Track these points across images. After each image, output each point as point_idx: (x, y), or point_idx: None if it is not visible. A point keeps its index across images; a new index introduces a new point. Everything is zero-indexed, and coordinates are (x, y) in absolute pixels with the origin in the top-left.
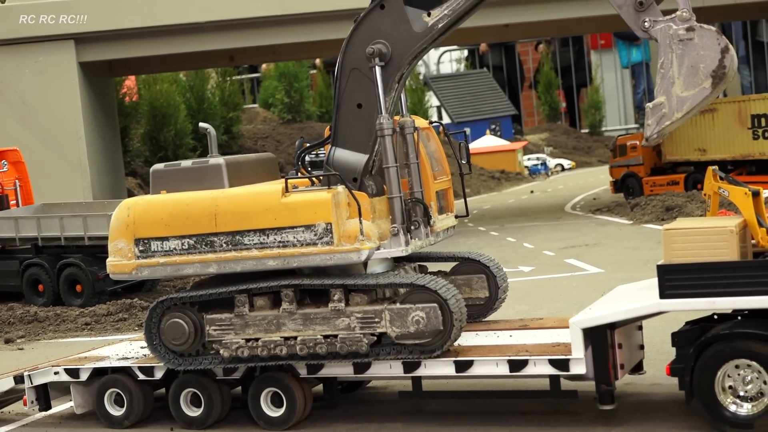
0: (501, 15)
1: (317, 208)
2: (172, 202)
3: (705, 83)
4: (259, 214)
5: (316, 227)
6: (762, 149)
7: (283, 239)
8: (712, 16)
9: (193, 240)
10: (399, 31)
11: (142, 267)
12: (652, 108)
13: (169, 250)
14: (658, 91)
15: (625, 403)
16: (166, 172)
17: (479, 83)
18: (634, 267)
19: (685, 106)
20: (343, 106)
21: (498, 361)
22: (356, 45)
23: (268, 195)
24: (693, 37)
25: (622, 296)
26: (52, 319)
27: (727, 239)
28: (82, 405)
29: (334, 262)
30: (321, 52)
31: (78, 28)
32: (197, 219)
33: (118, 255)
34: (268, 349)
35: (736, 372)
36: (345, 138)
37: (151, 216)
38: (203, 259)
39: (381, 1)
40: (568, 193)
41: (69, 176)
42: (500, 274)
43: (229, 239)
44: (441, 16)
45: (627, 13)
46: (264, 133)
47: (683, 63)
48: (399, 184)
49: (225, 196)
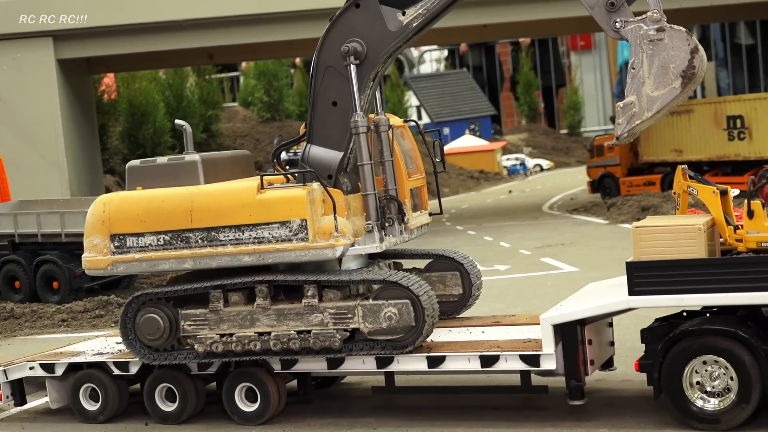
0: (479, 15)
1: (292, 204)
2: (148, 198)
3: (675, 83)
4: (235, 211)
5: (290, 223)
6: (737, 150)
7: (258, 235)
8: (690, 17)
9: (168, 236)
10: (374, 29)
11: (118, 263)
12: (623, 107)
13: (145, 246)
14: (628, 90)
15: (595, 399)
16: (142, 169)
17: (459, 83)
18: (609, 266)
19: (655, 105)
20: (318, 103)
21: (470, 356)
22: (331, 43)
23: (243, 192)
24: (663, 37)
25: (592, 293)
26: (29, 315)
27: (695, 237)
28: (57, 400)
29: (308, 258)
30: (300, 51)
31: (56, 25)
32: (173, 215)
33: (93, 251)
34: (243, 344)
35: (704, 368)
36: (320, 135)
37: (127, 212)
38: (178, 255)
39: (356, 0)
40: (546, 193)
41: (47, 173)
42: (474, 272)
43: (205, 235)
44: (415, 15)
45: (599, 13)
46: (243, 132)
47: (653, 63)
48: (373, 181)
49: (200, 193)
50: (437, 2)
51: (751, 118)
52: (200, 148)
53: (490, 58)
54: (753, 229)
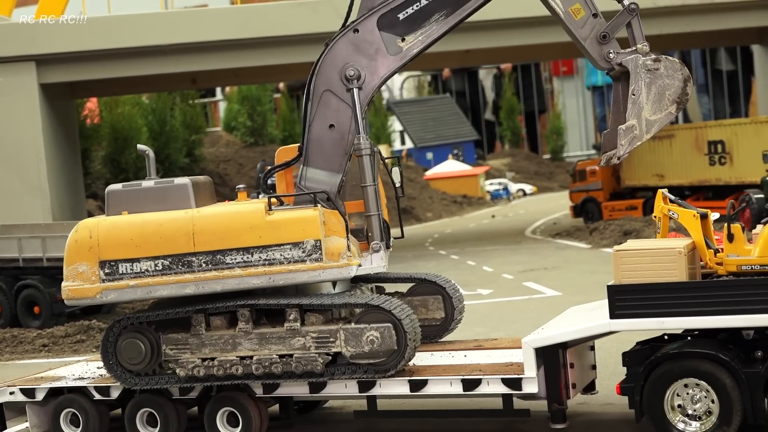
0: (462, 41)
1: (305, 225)
2: (141, 223)
3: (671, 108)
4: (243, 233)
5: (304, 244)
6: (718, 175)
7: (269, 257)
8: (671, 43)
9: (168, 261)
10: (372, 55)
11: (108, 290)
12: (625, 130)
13: (141, 271)
14: (629, 115)
15: (577, 422)
16: (125, 193)
17: (442, 108)
18: (591, 290)
19: (654, 128)
20: (315, 126)
21: (452, 380)
22: (328, 67)
23: (251, 213)
24: (659, 67)
25: (574, 316)
26: (9, 340)
27: (676, 260)
28: (37, 425)
29: (322, 278)
30: (284, 76)
31: (39, 49)
32: (172, 239)
33: (78, 279)
34: (224, 368)
35: (685, 391)
36: (317, 158)
37: (118, 237)
38: (179, 279)
39: (354, 26)
40: (528, 218)
41: (29, 197)
42: (456, 295)
43: (209, 259)
44: (415, 42)
45: (591, 45)
46: (226, 156)
47: (651, 90)
48: (378, 202)
49: (201, 216)
50: (437, 30)
51: (732, 143)
52: (184, 173)
53: (472, 83)
54: (733, 253)
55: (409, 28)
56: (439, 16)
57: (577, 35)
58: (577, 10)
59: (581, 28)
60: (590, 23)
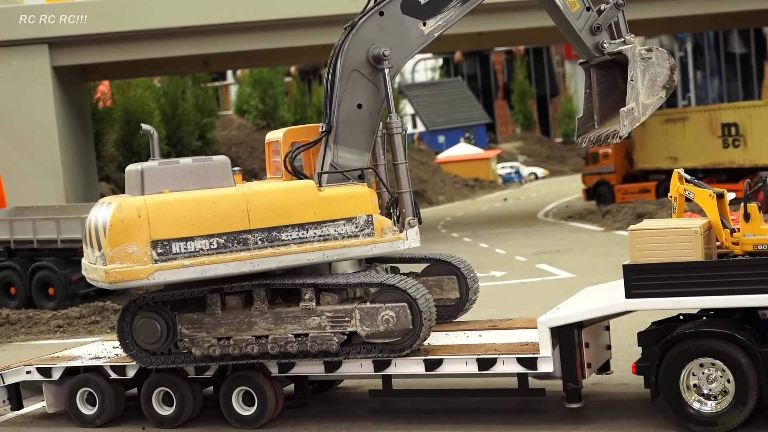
0: (475, 23)
1: (357, 200)
2: (194, 200)
3: (661, 93)
4: (298, 209)
5: (357, 219)
6: (732, 157)
7: (324, 233)
8: (684, 26)
9: (223, 239)
10: (397, 37)
11: (162, 271)
12: (626, 112)
13: (195, 250)
14: (629, 98)
15: (592, 402)
16: (164, 171)
17: (453, 92)
18: (604, 272)
19: (648, 111)
20: (343, 106)
21: (467, 359)
22: (355, 48)
23: (304, 190)
24: (652, 56)
25: (589, 296)
26: (24, 321)
27: (692, 240)
28: (54, 404)
29: (374, 253)
30: (296, 59)
31: (52, 31)
32: (227, 216)
33: (127, 260)
34: (240, 347)
35: (701, 371)
36: (346, 137)
37: (170, 216)
38: (236, 257)
39: (380, 8)
40: (540, 201)
41: (42, 180)
42: (471, 276)
43: (265, 236)
44: (436, 26)
45: (585, 35)
46: (238, 140)
47: (645, 77)
48: (409, 179)
49: (254, 192)
50: (455, 14)
51: (746, 126)
52: (195, 155)
53: (484, 66)
54: (749, 232)
55: (429, 12)
56: (457, 2)
57: (574, 26)
58: (572, 3)
59: (577, 19)
60: (584, 16)
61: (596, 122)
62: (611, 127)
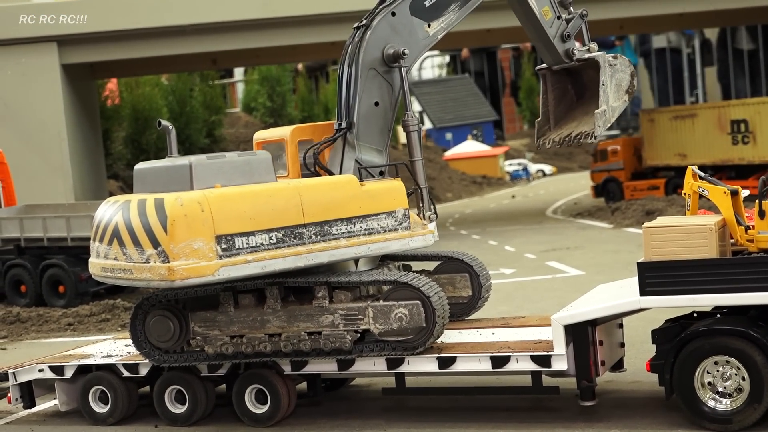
0: (483, 20)
1: (395, 194)
2: (253, 194)
3: (625, 97)
4: (345, 203)
5: (396, 213)
6: (741, 154)
7: (369, 227)
8: (692, 22)
9: (281, 233)
10: (408, 37)
11: (227, 267)
12: (600, 113)
13: (256, 245)
14: (601, 101)
15: (605, 400)
16: (213, 165)
17: (461, 89)
18: (614, 269)
19: (616, 113)
20: (363, 103)
21: (481, 357)
22: (372, 46)
23: (348, 183)
24: (617, 63)
25: (602, 294)
26: (35, 319)
27: (707, 237)
28: (66, 402)
29: (411, 247)
30: (303, 57)
31: (61, 30)
32: (284, 211)
33: (193, 257)
34: (253, 345)
35: (715, 368)
36: (366, 134)
37: (232, 210)
38: (293, 252)
39: (392, 9)
40: (549, 198)
41: (51, 178)
42: (483, 273)
43: (318, 230)
44: (439, 29)
45: (557, 42)
46: (246, 137)
47: (612, 82)
48: (425, 175)
49: (306, 186)
50: (455, 18)
51: (755, 122)
52: (204, 153)
53: (491, 63)
54: (764, 229)
55: (433, 14)
56: (455, 6)
57: (548, 33)
58: (546, 12)
59: (550, 27)
60: (555, 24)
61: (551, 125)
62: (581, 128)
